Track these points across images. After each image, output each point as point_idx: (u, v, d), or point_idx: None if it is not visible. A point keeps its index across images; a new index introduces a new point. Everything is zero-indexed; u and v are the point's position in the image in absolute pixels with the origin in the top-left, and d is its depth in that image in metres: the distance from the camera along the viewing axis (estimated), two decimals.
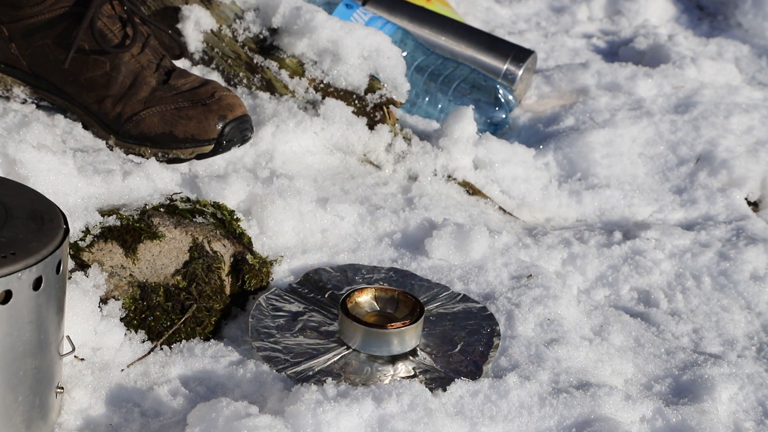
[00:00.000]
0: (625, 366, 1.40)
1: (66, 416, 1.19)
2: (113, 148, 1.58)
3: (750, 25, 2.63)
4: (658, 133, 1.99)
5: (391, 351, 1.33)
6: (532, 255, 1.62)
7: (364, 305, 1.38)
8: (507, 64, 2.12)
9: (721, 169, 1.91)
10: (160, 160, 1.56)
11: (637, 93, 2.14)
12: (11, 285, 1.03)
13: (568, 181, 1.88)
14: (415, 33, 2.15)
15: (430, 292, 1.48)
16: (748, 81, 2.39)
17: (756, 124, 2.06)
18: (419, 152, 1.80)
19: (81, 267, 1.33)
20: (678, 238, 1.70)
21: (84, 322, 1.27)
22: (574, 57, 2.49)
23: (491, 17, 2.67)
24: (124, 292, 1.34)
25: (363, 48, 1.82)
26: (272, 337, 1.35)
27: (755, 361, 1.46)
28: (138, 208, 1.43)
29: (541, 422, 1.25)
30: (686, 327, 1.53)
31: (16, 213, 1.10)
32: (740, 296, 1.61)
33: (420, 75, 2.01)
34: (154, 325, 1.34)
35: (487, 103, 2.00)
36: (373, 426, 1.17)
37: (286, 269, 1.49)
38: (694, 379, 1.38)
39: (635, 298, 1.60)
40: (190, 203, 1.48)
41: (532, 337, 1.41)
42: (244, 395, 1.26)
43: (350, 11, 2.04)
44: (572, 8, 2.75)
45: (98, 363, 1.27)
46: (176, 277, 1.38)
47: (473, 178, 1.82)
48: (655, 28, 2.64)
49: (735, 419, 1.32)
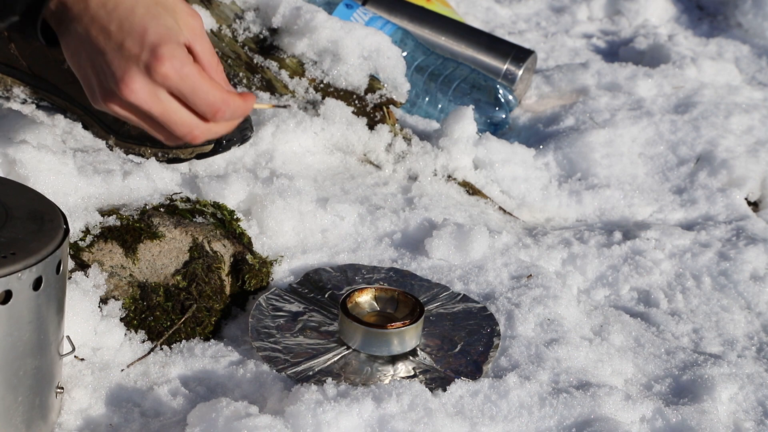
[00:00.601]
0: (625, 366, 1.40)
1: (66, 416, 1.19)
2: (113, 148, 1.58)
3: (750, 25, 2.63)
4: (658, 133, 1.99)
5: (391, 351, 1.33)
6: (532, 255, 1.62)
7: (364, 305, 1.38)
8: (507, 64, 2.12)
9: (721, 169, 1.90)
10: (160, 160, 1.56)
11: (637, 93, 2.14)
12: (11, 285, 1.03)
13: (568, 181, 1.88)
14: (415, 33, 2.15)
15: (430, 292, 1.48)
16: (748, 81, 2.39)
17: (756, 124, 2.06)
18: (419, 152, 1.80)
19: (81, 267, 1.33)
20: (678, 238, 1.70)
21: (84, 322, 1.27)
22: (574, 57, 2.49)
23: (491, 17, 2.67)
24: (124, 292, 1.34)
25: (363, 48, 1.82)
26: (272, 337, 1.35)
27: (755, 361, 1.46)
28: (138, 208, 1.43)
29: (541, 422, 1.25)
30: (686, 327, 1.53)
31: (16, 213, 1.10)
32: (740, 296, 1.61)
33: (420, 75, 2.01)
34: (154, 325, 1.34)
35: (487, 103, 2.00)
36: (373, 426, 1.17)
37: (286, 269, 1.49)
38: (694, 379, 1.38)
39: (635, 298, 1.60)
40: (190, 203, 1.48)
41: (532, 337, 1.41)
42: (244, 395, 1.26)
43: (350, 11, 2.04)
44: (572, 8, 2.75)
45: (98, 363, 1.27)
46: (176, 277, 1.38)
47: (473, 178, 1.82)
48: (655, 28, 2.64)
49: (735, 419, 1.32)
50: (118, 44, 1.03)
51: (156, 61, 1.03)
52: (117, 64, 1.03)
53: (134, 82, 1.03)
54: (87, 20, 1.04)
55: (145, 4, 1.05)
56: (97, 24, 1.04)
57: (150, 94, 1.04)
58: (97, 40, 1.04)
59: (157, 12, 1.05)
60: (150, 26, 1.03)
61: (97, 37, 1.04)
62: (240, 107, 1.09)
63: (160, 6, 1.06)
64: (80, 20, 1.05)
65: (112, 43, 1.03)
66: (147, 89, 1.03)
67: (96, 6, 1.05)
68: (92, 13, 1.04)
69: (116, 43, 1.03)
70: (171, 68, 1.03)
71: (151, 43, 1.03)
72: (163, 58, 1.03)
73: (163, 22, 1.04)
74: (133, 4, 1.05)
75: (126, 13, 1.04)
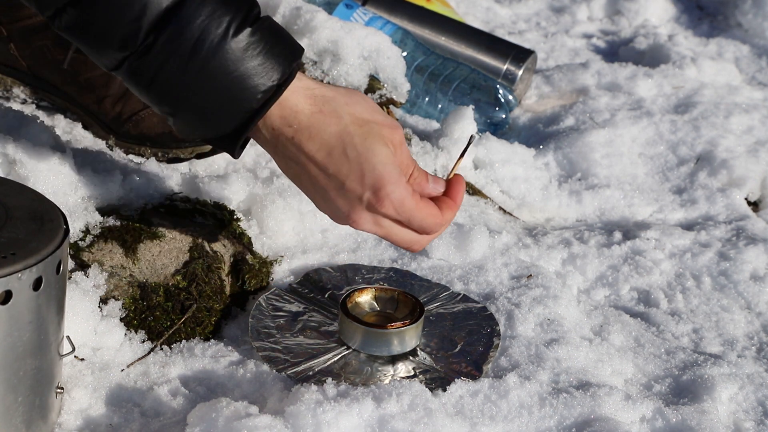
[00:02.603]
0: (625, 366, 1.40)
1: (66, 416, 1.19)
2: (113, 148, 1.58)
3: (750, 25, 2.63)
4: (658, 133, 1.99)
5: (391, 351, 1.33)
6: (532, 255, 1.62)
7: (364, 305, 1.38)
8: (507, 64, 2.12)
9: (721, 169, 1.90)
10: (160, 160, 1.56)
11: (637, 93, 2.14)
12: (11, 285, 1.03)
13: (568, 181, 1.88)
14: (415, 33, 2.15)
15: (430, 292, 1.48)
16: (748, 81, 2.39)
17: (756, 124, 2.06)
18: (419, 152, 1.80)
19: (81, 267, 1.33)
20: (678, 238, 1.70)
21: (84, 322, 1.27)
22: (574, 57, 2.49)
23: (491, 17, 2.67)
24: (124, 292, 1.34)
25: (363, 48, 1.82)
26: (272, 337, 1.35)
27: (755, 361, 1.46)
28: (138, 208, 1.43)
29: (541, 422, 1.25)
30: (686, 327, 1.53)
31: (16, 213, 1.10)
32: (740, 296, 1.61)
33: (420, 75, 2.01)
34: (154, 325, 1.34)
35: (487, 103, 2.00)
36: (373, 426, 1.17)
37: (286, 269, 1.49)
38: (694, 379, 1.38)
39: (635, 298, 1.60)
40: (190, 203, 1.48)
41: (532, 337, 1.41)
42: (244, 395, 1.26)
43: (350, 11, 2.04)
44: (572, 8, 2.75)
45: (98, 363, 1.27)
46: (176, 277, 1.38)
47: (473, 178, 1.82)
48: (655, 28, 2.64)
49: (735, 419, 1.32)
50: (340, 185, 1.17)
51: (377, 203, 1.17)
52: (342, 203, 1.18)
53: (360, 218, 1.18)
54: (304, 159, 1.16)
55: (353, 143, 1.15)
56: (315, 165, 1.17)
57: (374, 223, 1.19)
58: (317, 179, 1.17)
59: (368, 146, 1.16)
60: (366, 168, 1.15)
61: (317, 177, 1.17)
62: (449, 219, 1.24)
63: (367, 136, 1.16)
64: (297, 158, 1.17)
65: (333, 183, 1.17)
66: (371, 220, 1.19)
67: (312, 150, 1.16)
68: (308, 154, 1.16)
69: (338, 183, 1.16)
70: (390, 207, 1.17)
71: (371, 185, 1.16)
72: (383, 200, 1.17)
73: (378, 159, 1.15)
74: (344, 144, 1.15)
75: (339, 154, 1.16)
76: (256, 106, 1.13)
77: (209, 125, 1.15)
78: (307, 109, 1.15)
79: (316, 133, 1.15)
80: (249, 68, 1.11)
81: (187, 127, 1.16)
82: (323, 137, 1.15)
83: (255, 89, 1.11)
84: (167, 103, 1.14)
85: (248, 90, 1.11)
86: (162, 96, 1.13)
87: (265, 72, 1.11)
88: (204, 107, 1.13)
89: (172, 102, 1.13)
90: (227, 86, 1.11)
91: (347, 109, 1.16)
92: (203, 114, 1.13)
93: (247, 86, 1.11)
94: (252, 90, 1.11)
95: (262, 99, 1.12)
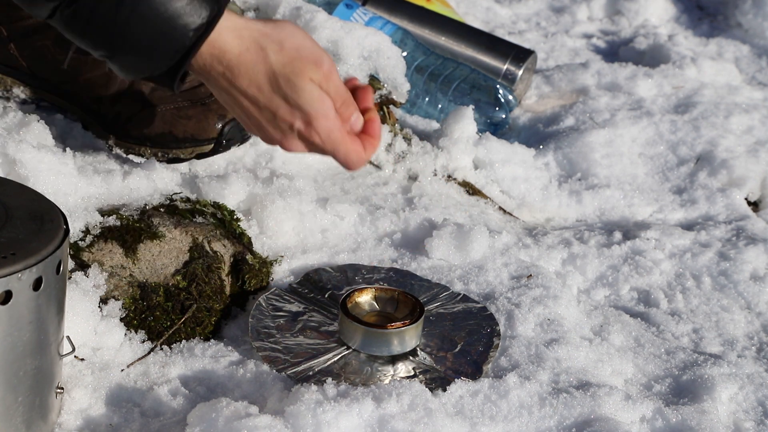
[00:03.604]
0: (625, 366, 1.40)
1: (66, 416, 1.19)
2: (113, 148, 1.58)
3: (750, 25, 2.63)
4: (658, 133, 1.99)
5: (391, 351, 1.33)
6: (532, 255, 1.62)
7: (364, 305, 1.38)
8: (507, 64, 2.12)
9: (721, 169, 1.90)
10: (160, 160, 1.56)
11: (637, 93, 2.14)
12: (11, 285, 1.03)
13: (568, 181, 1.88)
14: (415, 33, 2.15)
15: (430, 292, 1.48)
16: (748, 81, 2.39)
17: (756, 124, 2.06)
18: (419, 152, 1.80)
19: (81, 267, 1.33)
20: (678, 238, 1.70)
21: (84, 322, 1.27)
22: (574, 57, 2.49)
23: (491, 17, 2.67)
24: (124, 292, 1.34)
25: (363, 48, 1.82)
26: (272, 337, 1.35)
27: (755, 361, 1.46)
28: (138, 208, 1.43)
29: (541, 422, 1.25)
30: (686, 327, 1.53)
31: (16, 213, 1.10)
32: (740, 296, 1.61)
33: (420, 75, 2.01)
34: (154, 325, 1.34)
35: (487, 103, 2.00)
36: (373, 426, 1.17)
37: (286, 269, 1.49)
38: (694, 379, 1.38)
39: (635, 298, 1.60)
40: (190, 203, 1.48)
41: (532, 337, 1.41)
42: (244, 395, 1.26)
43: (350, 11, 2.04)
44: (572, 8, 2.75)
45: (98, 363, 1.27)
46: (176, 277, 1.38)
47: (473, 178, 1.82)
48: (655, 28, 2.64)
49: (735, 419, 1.32)
50: (272, 116, 1.21)
51: (307, 134, 1.22)
52: (273, 132, 1.22)
53: (291, 145, 1.23)
54: (235, 93, 1.21)
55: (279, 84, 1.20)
56: (246, 99, 1.21)
57: (304, 147, 1.24)
58: (249, 110, 1.22)
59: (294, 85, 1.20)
60: (293, 105, 1.20)
61: (249, 108, 1.21)
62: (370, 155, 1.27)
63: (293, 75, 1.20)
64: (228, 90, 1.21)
65: (265, 115, 1.22)
66: (302, 147, 1.24)
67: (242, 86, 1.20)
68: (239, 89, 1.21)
69: (270, 115, 1.21)
70: (317, 138, 1.22)
71: (300, 117, 1.20)
72: (311, 132, 1.22)
73: (305, 98, 1.20)
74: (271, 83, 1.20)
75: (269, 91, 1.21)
76: (188, 44, 1.16)
77: (146, 65, 1.18)
78: (235, 48, 1.18)
79: (245, 71, 1.19)
80: (178, 8, 1.14)
81: (124, 68, 1.19)
82: (251, 76, 1.19)
83: (186, 27, 1.15)
84: (102, 47, 1.17)
85: (179, 29, 1.14)
86: (96, 40, 1.16)
87: (194, 10, 1.15)
88: (138, 48, 1.16)
89: (107, 45, 1.16)
90: (159, 25, 1.14)
91: (274, 47, 1.20)
92: (138, 55, 1.17)
93: (177, 25, 1.14)
94: (183, 29, 1.15)
95: (194, 36, 1.15)
